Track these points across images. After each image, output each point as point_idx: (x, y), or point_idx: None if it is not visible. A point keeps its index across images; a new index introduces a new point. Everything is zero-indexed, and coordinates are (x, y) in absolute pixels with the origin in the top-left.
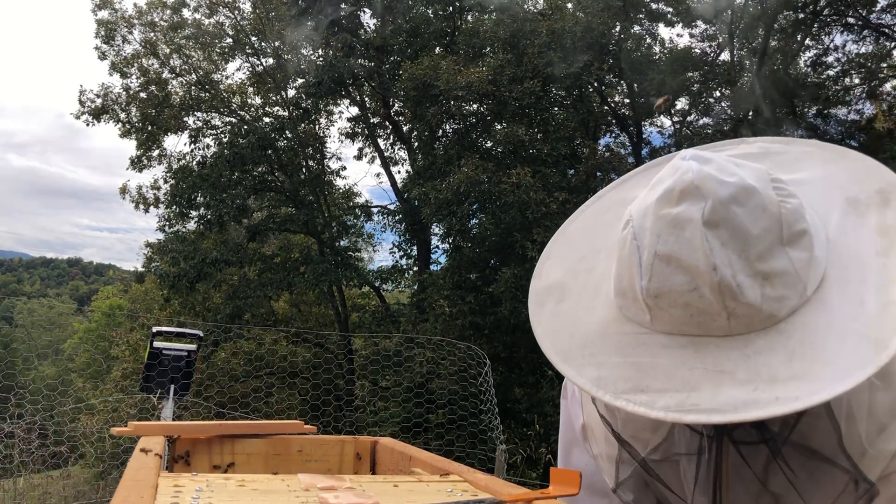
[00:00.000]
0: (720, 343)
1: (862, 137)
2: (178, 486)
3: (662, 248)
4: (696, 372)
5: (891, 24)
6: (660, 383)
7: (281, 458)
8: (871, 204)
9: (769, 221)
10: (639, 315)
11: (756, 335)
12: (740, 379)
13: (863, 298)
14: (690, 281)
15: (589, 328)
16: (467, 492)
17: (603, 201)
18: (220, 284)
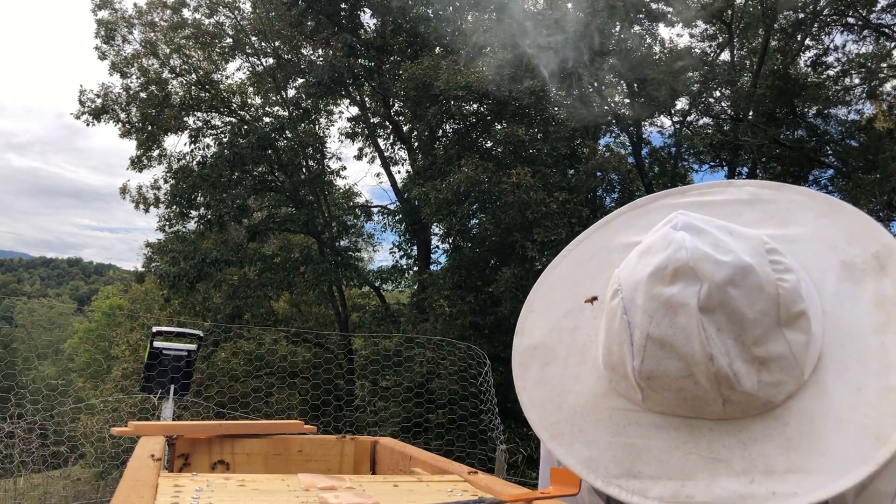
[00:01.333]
0: (714, 427)
1: (862, 137)
2: (178, 486)
3: (655, 332)
4: (690, 458)
5: (891, 24)
6: (653, 469)
7: (281, 458)
8: (868, 270)
9: (766, 304)
10: (630, 392)
11: (752, 421)
12: (736, 469)
13: (861, 384)
14: (685, 368)
15: (577, 400)
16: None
17: (584, 247)
18: (220, 284)
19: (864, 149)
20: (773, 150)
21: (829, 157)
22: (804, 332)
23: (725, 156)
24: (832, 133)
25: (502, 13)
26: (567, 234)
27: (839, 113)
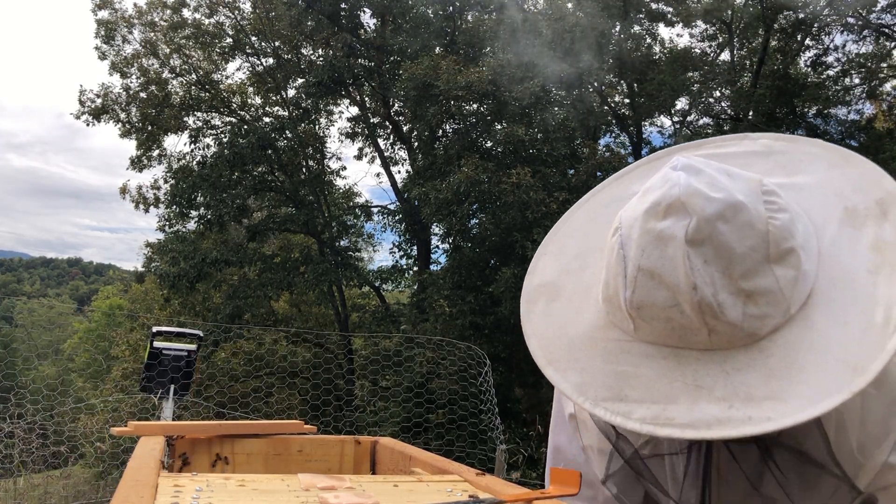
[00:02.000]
0: (700, 357)
1: (862, 137)
2: (178, 486)
3: (646, 263)
4: (675, 385)
5: (891, 24)
6: (639, 394)
7: (281, 458)
8: (870, 216)
9: (755, 239)
10: (623, 323)
11: (737, 351)
12: (717, 396)
13: (847, 320)
14: (671, 297)
15: (576, 331)
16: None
17: (601, 196)
18: (220, 284)
19: (864, 149)
20: None
21: None
22: (793, 269)
23: None
24: (832, 133)
25: (502, 13)
26: None
27: (839, 113)
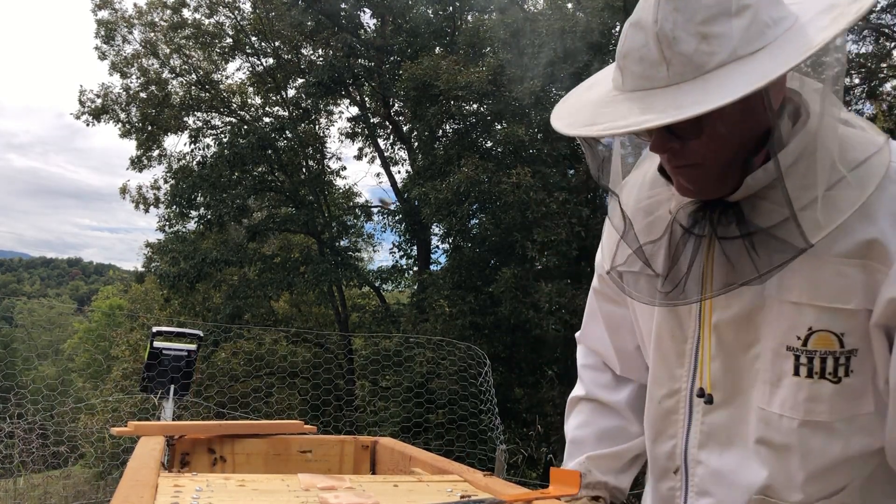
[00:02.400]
0: (659, 92)
1: None
2: (178, 486)
3: (633, 18)
4: (633, 110)
5: (891, 24)
6: (605, 118)
7: (281, 458)
8: (841, 4)
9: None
10: (618, 79)
11: (687, 84)
12: (657, 108)
13: (787, 59)
14: (644, 37)
15: (588, 100)
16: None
17: None
18: (220, 284)
19: None
20: None
21: None
22: (749, 19)
23: None
24: None
25: (502, 13)
26: (567, 234)
27: None
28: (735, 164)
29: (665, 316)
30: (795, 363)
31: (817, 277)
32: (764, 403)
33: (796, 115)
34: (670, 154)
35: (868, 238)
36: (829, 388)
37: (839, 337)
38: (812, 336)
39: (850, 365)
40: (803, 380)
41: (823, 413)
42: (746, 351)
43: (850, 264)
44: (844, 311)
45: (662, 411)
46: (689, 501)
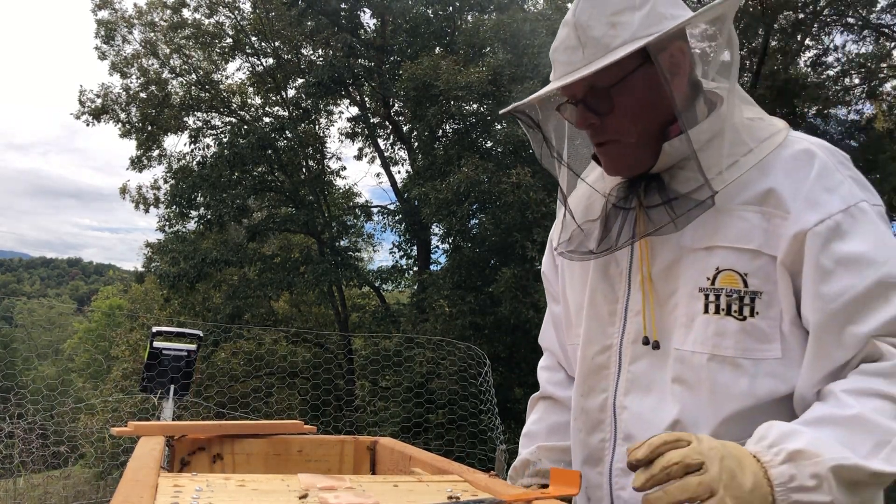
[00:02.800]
0: (577, 70)
1: (862, 137)
2: (178, 486)
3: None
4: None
5: (891, 24)
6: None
7: (281, 458)
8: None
9: None
10: (552, 74)
11: (597, 60)
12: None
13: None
14: (567, 30)
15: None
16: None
17: None
18: (220, 284)
19: (864, 149)
20: None
21: None
22: (647, 10)
23: None
24: (832, 133)
25: (502, 13)
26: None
27: (839, 113)
28: (649, 137)
29: (598, 282)
30: (705, 301)
31: (723, 223)
32: (679, 344)
33: (712, 104)
34: (591, 131)
35: (765, 188)
36: (734, 324)
37: (743, 277)
38: (719, 275)
39: (754, 306)
40: (711, 316)
41: (729, 348)
42: (668, 301)
43: (750, 210)
44: (747, 252)
45: (595, 366)
46: (616, 449)
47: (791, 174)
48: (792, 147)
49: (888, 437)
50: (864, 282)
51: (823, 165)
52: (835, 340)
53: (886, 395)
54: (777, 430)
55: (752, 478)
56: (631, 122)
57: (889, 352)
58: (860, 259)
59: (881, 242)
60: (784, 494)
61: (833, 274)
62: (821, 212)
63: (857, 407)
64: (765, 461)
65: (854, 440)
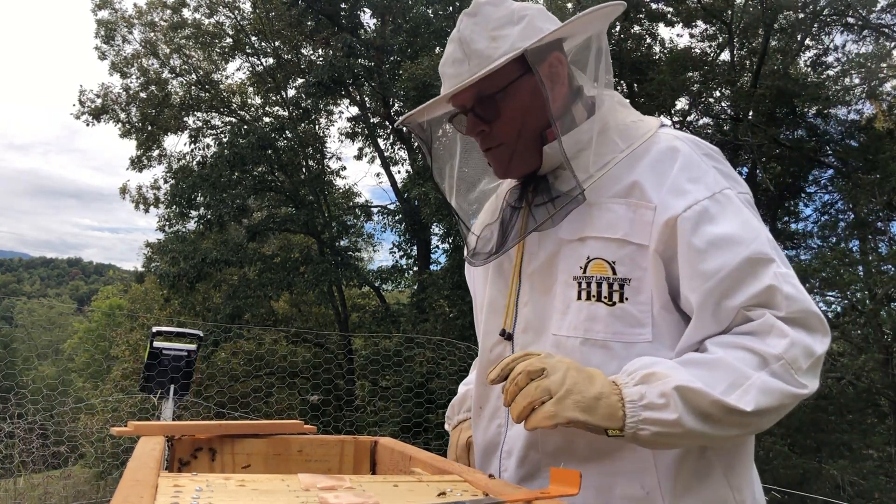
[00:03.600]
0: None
1: (862, 137)
2: (178, 486)
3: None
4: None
5: (891, 24)
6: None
7: (281, 458)
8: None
9: (506, 11)
10: (442, 88)
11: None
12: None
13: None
14: (453, 45)
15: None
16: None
17: None
18: (220, 284)
19: (864, 149)
20: (773, 150)
21: (829, 157)
22: (526, 24)
23: (725, 155)
24: (832, 133)
25: None
26: None
27: (839, 113)
28: (531, 140)
29: (495, 277)
30: (578, 289)
31: (594, 216)
32: (556, 329)
33: (592, 109)
34: (481, 137)
35: (631, 181)
36: (604, 309)
37: (611, 265)
38: (590, 263)
39: (623, 292)
40: (583, 302)
41: (600, 332)
42: (549, 291)
43: (617, 202)
44: (614, 241)
45: (493, 358)
46: (508, 433)
47: (655, 168)
48: (659, 143)
49: (742, 381)
50: (734, 259)
51: (687, 158)
52: (711, 315)
53: (750, 349)
54: (639, 362)
55: (599, 388)
56: (514, 127)
57: (756, 314)
58: (729, 239)
59: (747, 224)
60: (634, 411)
61: (706, 254)
62: (688, 199)
63: (720, 353)
64: (621, 383)
65: (711, 378)
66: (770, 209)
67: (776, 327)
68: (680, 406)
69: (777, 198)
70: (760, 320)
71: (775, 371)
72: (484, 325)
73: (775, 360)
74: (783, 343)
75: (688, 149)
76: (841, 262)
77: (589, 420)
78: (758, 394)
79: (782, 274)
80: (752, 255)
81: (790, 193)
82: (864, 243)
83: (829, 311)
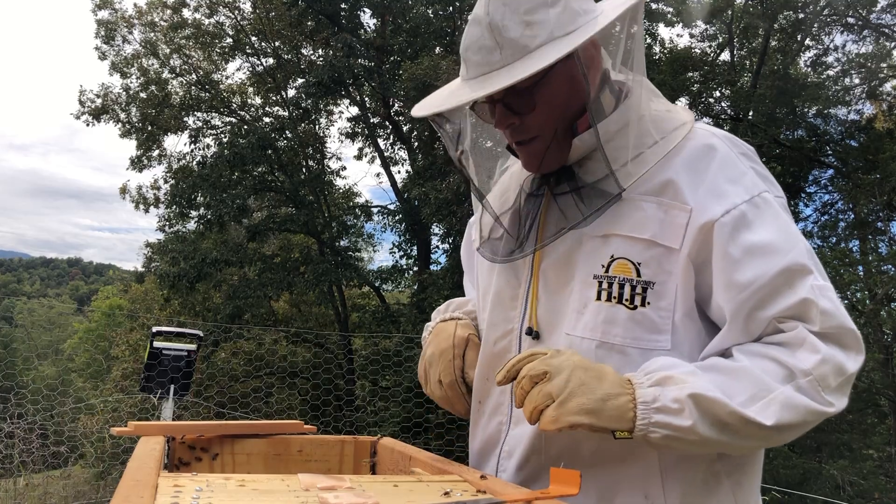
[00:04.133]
0: (495, 73)
1: (862, 137)
2: (178, 486)
3: (471, 15)
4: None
5: (891, 24)
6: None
7: (281, 458)
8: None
9: None
10: (462, 71)
11: (517, 62)
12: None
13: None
14: (480, 30)
15: (441, 93)
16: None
17: None
18: (220, 284)
19: (864, 149)
20: (773, 150)
21: (829, 157)
22: (563, 7)
23: None
24: (832, 133)
25: None
26: None
27: (839, 113)
28: (566, 131)
29: (504, 267)
30: (598, 289)
31: (621, 212)
32: (570, 329)
33: (620, 95)
34: (511, 130)
35: (664, 179)
36: (624, 312)
37: (636, 266)
38: (613, 263)
39: (646, 296)
40: (603, 303)
41: (618, 336)
42: (565, 288)
43: (648, 200)
44: (641, 241)
45: (497, 351)
46: (510, 432)
47: (691, 166)
48: (695, 140)
49: (765, 394)
50: (770, 270)
51: (725, 157)
52: (742, 324)
53: (778, 360)
54: (658, 362)
55: (607, 387)
56: (551, 119)
57: (788, 326)
58: (766, 248)
59: (784, 232)
60: (646, 413)
61: (741, 263)
62: (726, 203)
63: (745, 362)
64: (636, 382)
65: (732, 387)
66: None
67: (808, 341)
68: (695, 413)
69: None
70: (793, 332)
71: (801, 386)
72: (489, 316)
73: (803, 376)
74: (814, 359)
75: (725, 147)
76: (841, 262)
77: (594, 423)
78: (780, 408)
79: (819, 287)
80: (789, 265)
81: (790, 193)
82: (864, 243)
83: None
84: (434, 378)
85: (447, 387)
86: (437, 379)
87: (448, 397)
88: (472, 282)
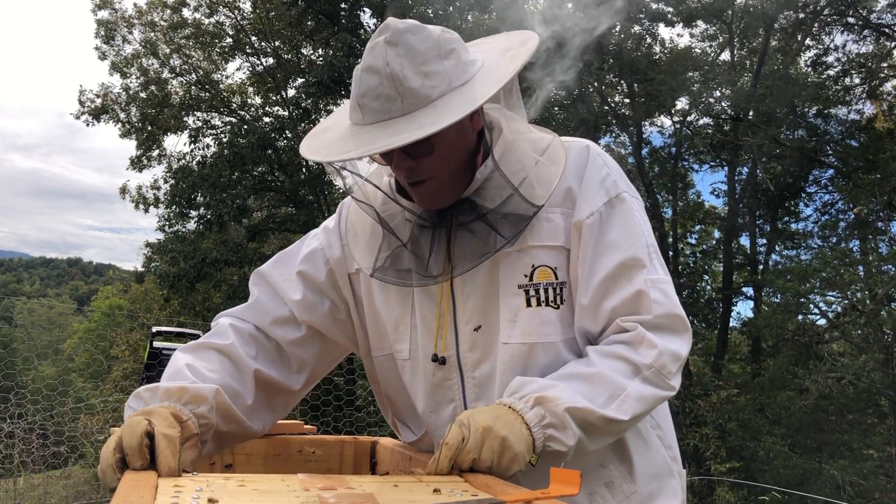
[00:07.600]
0: (398, 120)
1: (862, 137)
2: (178, 486)
3: (364, 64)
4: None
5: (891, 24)
6: (359, 145)
7: (281, 458)
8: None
9: (431, 43)
10: (356, 116)
11: (420, 111)
12: (404, 131)
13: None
14: (378, 78)
15: (335, 136)
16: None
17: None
18: (220, 284)
19: (864, 149)
20: (773, 149)
21: (829, 157)
22: (455, 60)
23: (726, 155)
24: (832, 133)
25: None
26: None
27: (839, 113)
28: (461, 170)
29: (421, 298)
30: (526, 296)
31: (536, 227)
32: (506, 338)
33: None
34: (407, 172)
35: (565, 187)
36: (552, 313)
37: (554, 270)
38: (536, 271)
39: (563, 295)
40: (534, 309)
41: (552, 335)
42: (492, 305)
43: (555, 212)
44: (555, 248)
45: (437, 381)
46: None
47: (578, 173)
48: (572, 150)
49: (619, 392)
50: (612, 263)
51: (594, 160)
52: (592, 315)
53: (624, 358)
54: (521, 383)
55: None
56: (448, 160)
57: (631, 325)
58: (612, 245)
59: (629, 229)
60: (539, 432)
61: (594, 259)
62: (592, 204)
63: (599, 365)
64: (519, 409)
65: (592, 392)
66: (770, 209)
67: (646, 338)
68: (573, 426)
69: (777, 198)
70: (633, 332)
71: (647, 377)
72: (421, 346)
73: (647, 368)
74: (653, 353)
75: (594, 152)
76: (841, 262)
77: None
78: (633, 402)
79: (652, 280)
80: (626, 259)
81: (790, 193)
82: (864, 243)
83: (829, 311)
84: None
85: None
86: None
87: (108, 470)
88: (323, 290)
